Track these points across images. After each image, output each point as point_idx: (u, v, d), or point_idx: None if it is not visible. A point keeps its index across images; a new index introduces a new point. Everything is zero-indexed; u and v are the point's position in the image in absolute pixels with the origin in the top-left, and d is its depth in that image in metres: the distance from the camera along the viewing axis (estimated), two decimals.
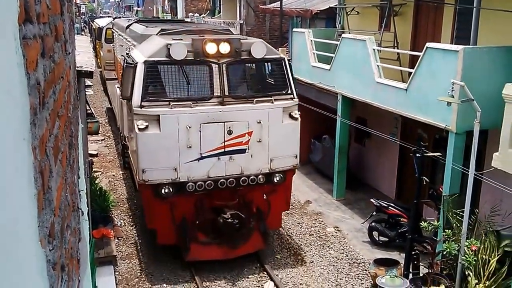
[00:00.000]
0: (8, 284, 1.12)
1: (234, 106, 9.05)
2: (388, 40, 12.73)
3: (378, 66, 11.18)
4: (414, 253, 8.90)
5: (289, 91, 9.61)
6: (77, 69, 6.06)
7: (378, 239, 10.92)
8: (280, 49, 14.72)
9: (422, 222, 8.89)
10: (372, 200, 11.20)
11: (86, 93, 10.06)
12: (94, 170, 13.88)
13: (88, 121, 11.89)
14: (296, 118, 9.57)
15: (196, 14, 30.87)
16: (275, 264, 9.99)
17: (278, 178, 9.65)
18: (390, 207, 10.80)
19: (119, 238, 10.83)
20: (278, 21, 20.35)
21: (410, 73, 10.16)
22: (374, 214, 11.08)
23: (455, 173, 8.92)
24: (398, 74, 11.99)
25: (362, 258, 10.30)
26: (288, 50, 17.08)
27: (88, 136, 11.56)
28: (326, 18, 17.98)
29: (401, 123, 12.61)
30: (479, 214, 8.77)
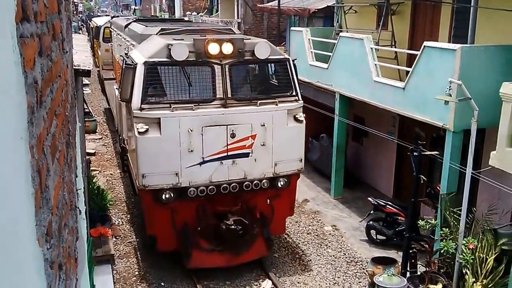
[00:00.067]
0: (6, 283, 1.12)
1: (237, 108, 8.81)
2: (385, 39, 12.75)
3: (375, 65, 11.19)
4: (411, 251, 8.92)
5: (293, 93, 9.36)
6: (74, 67, 6.06)
7: (375, 238, 10.93)
8: (277, 48, 14.70)
9: (420, 220, 8.91)
10: (369, 198, 11.22)
11: (84, 92, 10.06)
12: (91, 169, 13.90)
13: (85, 120, 11.88)
14: (301, 121, 9.31)
15: (194, 13, 30.85)
16: (273, 262, 9.99)
17: (282, 182, 9.39)
18: (388, 206, 10.82)
19: (117, 237, 10.82)
20: (276, 20, 20.37)
21: (407, 72, 10.17)
22: (371, 212, 11.10)
23: (453, 171, 8.94)
24: (396, 73, 12.00)
25: (360, 257, 10.31)
26: (286, 49, 17.06)
27: (85, 135, 11.57)
28: (324, 17, 18.00)
29: (398, 122, 12.62)
30: (477, 212, 8.79)
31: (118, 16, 29.23)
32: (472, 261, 7.95)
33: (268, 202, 9.53)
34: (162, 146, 8.39)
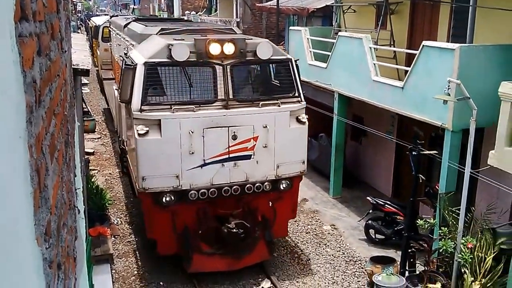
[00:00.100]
0: (5, 282, 1.12)
1: (239, 110, 8.66)
2: (384, 38, 12.75)
3: (374, 64, 11.20)
4: (410, 251, 8.93)
5: (296, 94, 9.24)
6: (73, 67, 6.06)
7: (374, 237, 10.94)
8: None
9: (419, 220, 8.91)
10: (368, 198, 11.22)
11: (83, 91, 10.06)
12: (90, 168, 13.90)
13: (84, 119, 11.88)
14: (303, 122, 9.18)
15: (192, 12, 30.84)
16: (272, 262, 9.99)
17: (284, 185, 9.27)
18: (387, 205, 10.83)
19: (116, 236, 10.82)
20: (275, 19, 20.38)
21: (406, 71, 10.17)
22: (370, 212, 11.11)
23: (451, 171, 8.94)
24: (395, 72, 12.01)
25: (359, 256, 10.32)
26: (284, 48, 17.06)
27: (84, 134, 11.56)
28: (322, 16, 18.01)
29: (397, 121, 12.63)
30: (475, 212, 8.80)
31: (117, 15, 29.13)
32: (470, 260, 7.96)
33: (270, 205, 9.41)
34: (162, 148, 8.25)
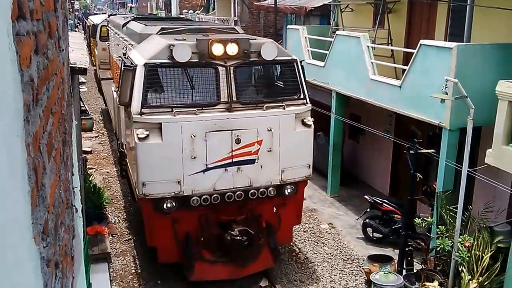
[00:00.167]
0: (2, 281, 1.12)
1: (243, 112, 8.35)
2: (382, 37, 12.76)
3: (372, 63, 11.21)
4: (408, 249, 8.94)
5: (301, 96, 8.94)
6: (70, 66, 6.05)
7: (372, 236, 10.96)
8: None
9: (416, 218, 8.92)
10: (366, 196, 11.24)
11: (80, 90, 10.05)
12: (88, 167, 13.87)
13: (82, 118, 11.88)
14: (309, 125, 8.93)
15: (190, 11, 30.83)
16: None
17: (289, 190, 8.93)
18: (384, 204, 10.84)
19: (113, 235, 10.81)
20: (273, 18, 20.36)
21: (404, 70, 10.18)
22: (368, 210, 11.12)
23: (449, 169, 8.96)
24: (392, 71, 12.02)
25: (356, 255, 10.34)
26: (282, 47, 17.06)
27: (82, 133, 11.56)
28: (320, 15, 18.01)
29: (395, 120, 12.64)
30: (473, 210, 8.81)
31: (115, 14, 29.07)
32: (468, 258, 7.98)
33: (274, 211, 9.16)
34: (163, 152, 7.97)
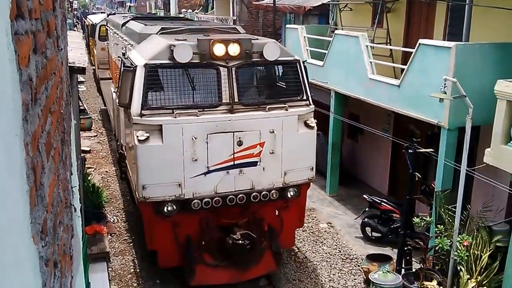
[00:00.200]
0: (1, 281, 1.12)
1: (245, 114, 8.18)
2: (381, 36, 12.76)
3: (371, 62, 11.21)
4: (406, 248, 8.95)
5: (304, 97, 8.77)
6: (69, 65, 6.04)
7: (371, 235, 10.97)
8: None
9: (415, 217, 8.93)
10: (365, 196, 11.25)
11: (79, 89, 10.04)
12: (87, 166, 13.87)
13: (80, 117, 11.87)
14: (312, 127, 8.73)
15: (189, 10, 30.81)
16: None
17: (292, 193, 8.76)
18: (383, 203, 10.85)
19: (112, 235, 10.81)
20: (271, 17, 20.35)
21: (402, 69, 10.19)
22: (367, 210, 11.13)
23: (447, 169, 8.97)
24: (391, 70, 12.02)
25: (355, 254, 10.35)
26: None
27: (80, 132, 11.55)
28: (319, 14, 18.00)
29: (393, 119, 12.65)
30: (471, 209, 8.82)
31: (114, 13, 29.01)
32: (466, 258, 7.99)
33: (276, 214, 9.04)
34: (164, 155, 7.81)
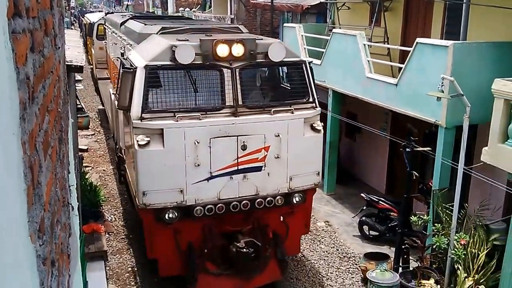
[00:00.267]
0: None
1: (249, 117, 7.87)
2: (378, 35, 12.77)
3: (368, 61, 11.22)
4: (404, 247, 8.97)
5: (310, 99, 8.45)
6: (66, 63, 6.04)
7: (368, 233, 10.98)
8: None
9: (412, 216, 8.95)
10: (362, 194, 11.26)
11: (76, 87, 10.02)
12: (84, 165, 13.86)
13: (78, 115, 11.85)
14: (318, 130, 8.45)
15: (187, 9, 30.78)
16: None
17: (297, 198, 8.46)
18: (381, 202, 10.86)
19: (110, 233, 10.81)
20: (269, 16, 20.35)
21: (400, 68, 10.20)
22: (364, 208, 11.15)
23: (445, 167, 8.98)
24: (389, 69, 12.04)
25: (353, 252, 10.36)
26: None
27: (78, 131, 11.53)
28: (317, 13, 17.99)
29: (391, 118, 12.67)
30: (469, 208, 8.85)
31: (112, 12, 28.92)
32: (464, 256, 8.01)
33: (281, 220, 8.73)
34: (165, 160, 7.50)
